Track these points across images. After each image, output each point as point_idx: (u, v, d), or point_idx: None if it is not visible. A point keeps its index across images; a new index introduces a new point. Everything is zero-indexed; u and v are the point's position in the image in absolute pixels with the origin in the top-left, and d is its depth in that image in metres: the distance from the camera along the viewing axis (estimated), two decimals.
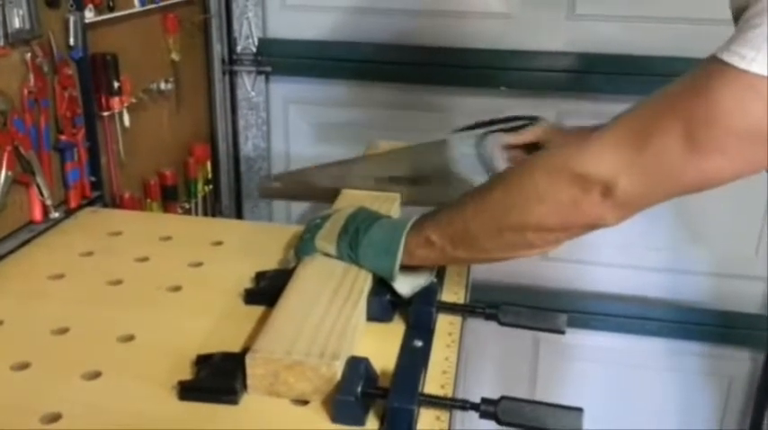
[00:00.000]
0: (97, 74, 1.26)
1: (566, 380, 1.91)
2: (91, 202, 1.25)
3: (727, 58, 0.64)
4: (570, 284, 1.82)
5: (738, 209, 1.67)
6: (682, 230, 1.74)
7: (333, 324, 0.79)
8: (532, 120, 1.10)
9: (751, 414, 1.86)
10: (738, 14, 0.71)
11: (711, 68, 0.66)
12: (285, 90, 1.81)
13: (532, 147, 1.08)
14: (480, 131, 1.10)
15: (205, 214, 1.69)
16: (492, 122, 1.11)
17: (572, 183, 0.73)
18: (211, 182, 1.73)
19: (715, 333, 1.80)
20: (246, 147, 1.84)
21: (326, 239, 0.93)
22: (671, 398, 1.87)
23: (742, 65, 0.63)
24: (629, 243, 1.71)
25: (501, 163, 1.07)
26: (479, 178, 1.03)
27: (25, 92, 1.08)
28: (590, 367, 1.88)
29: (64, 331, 0.86)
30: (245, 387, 0.74)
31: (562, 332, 0.88)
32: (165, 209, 1.52)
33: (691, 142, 0.66)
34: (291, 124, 1.84)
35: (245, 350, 0.76)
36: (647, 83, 1.59)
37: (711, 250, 1.76)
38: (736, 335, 1.80)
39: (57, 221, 1.15)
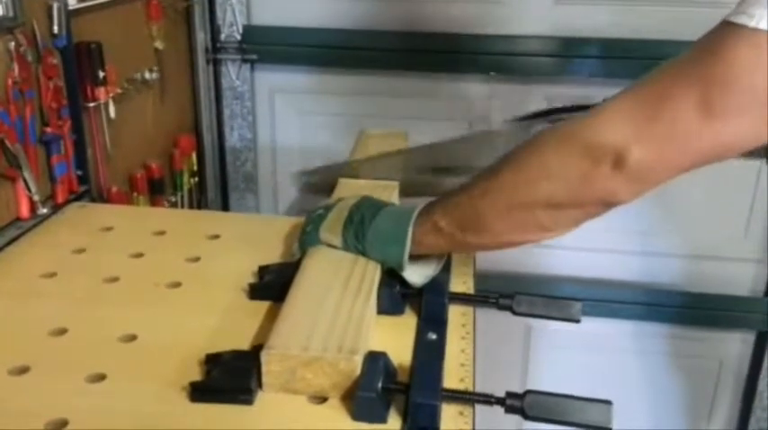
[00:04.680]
0: (82, 63, 1.21)
1: (553, 368, 1.90)
2: (78, 197, 1.20)
3: (736, 19, 0.63)
4: (559, 270, 1.81)
5: (727, 190, 1.68)
6: (667, 214, 1.74)
7: (347, 317, 0.76)
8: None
9: (741, 395, 1.87)
10: None
11: (722, 32, 0.65)
12: (271, 79, 1.77)
13: None
14: (537, 120, 1.03)
15: (191, 207, 1.65)
16: (550, 112, 1.04)
17: (581, 154, 0.70)
18: (197, 174, 1.68)
19: (704, 316, 1.81)
20: (232, 138, 1.79)
21: (331, 230, 0.90)
22: (662, 381, 1.88)
23: (751, 23, 0.62)
24: (614, 228, 1.70)
25: None
26: None
27: (10, 82, 1.03)
28: (579, 354, 1.88)
29: (62, 332, 0.82)
30: (259, 385, 0.71)
31: (577, 321, 0.86)
32: (152, 203, 1.47)
33: (706, 106, 0.64)
34: (278, 114, 1.80)
35: (257, 347, 0.73)
36: (637, 66, 1.58)
37: (700, 233, 1.76)
38: (726, 317, 1.80)
39: (44, 217, 1.11)
